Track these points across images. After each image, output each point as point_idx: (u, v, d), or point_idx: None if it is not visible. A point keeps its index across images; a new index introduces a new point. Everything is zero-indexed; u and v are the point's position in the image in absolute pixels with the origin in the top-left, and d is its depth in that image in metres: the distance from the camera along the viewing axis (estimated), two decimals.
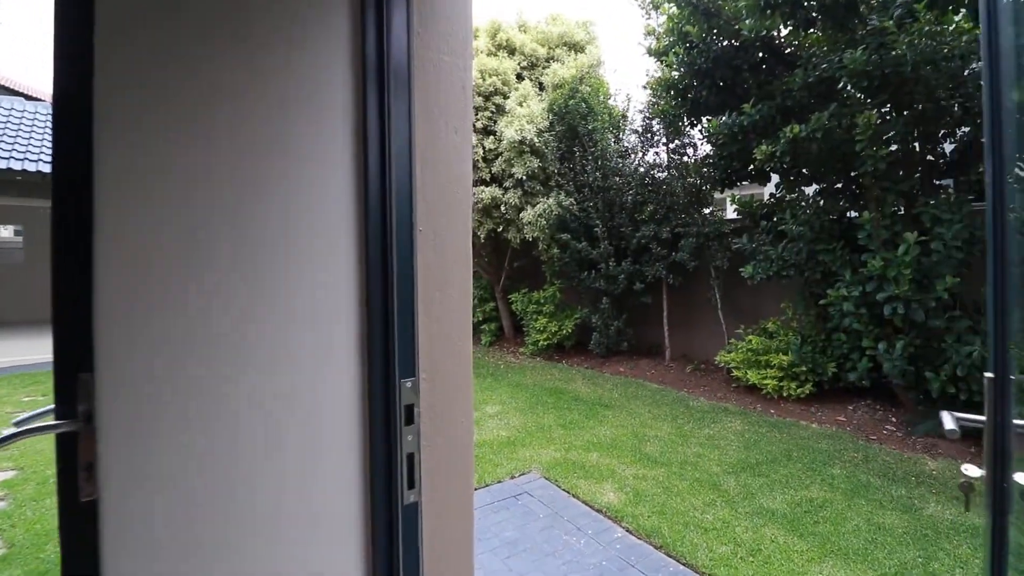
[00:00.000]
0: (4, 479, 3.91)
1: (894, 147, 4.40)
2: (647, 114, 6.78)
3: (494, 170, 7.24)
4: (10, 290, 11.77)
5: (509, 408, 5.46)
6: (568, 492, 3.67)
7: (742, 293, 6.31)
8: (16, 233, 12.77)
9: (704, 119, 5.78)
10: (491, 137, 7.18)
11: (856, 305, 4.52)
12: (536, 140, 6.67)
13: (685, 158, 6.54)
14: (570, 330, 7.47)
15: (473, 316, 5.33)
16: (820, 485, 3.64)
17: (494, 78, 7.22)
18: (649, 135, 6.87)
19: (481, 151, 7.16)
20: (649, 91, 6.65)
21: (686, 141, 6.37)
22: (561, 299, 7.76)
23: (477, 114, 7.28)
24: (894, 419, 4.84)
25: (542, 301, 7.67)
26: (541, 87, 7.71)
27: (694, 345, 6.96)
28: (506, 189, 7.27)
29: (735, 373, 5.71)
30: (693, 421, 4.96)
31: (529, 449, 4.42)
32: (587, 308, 7.41)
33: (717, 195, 6.54)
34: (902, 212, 4.68)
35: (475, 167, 7.28)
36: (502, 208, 7.32)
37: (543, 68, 7.75)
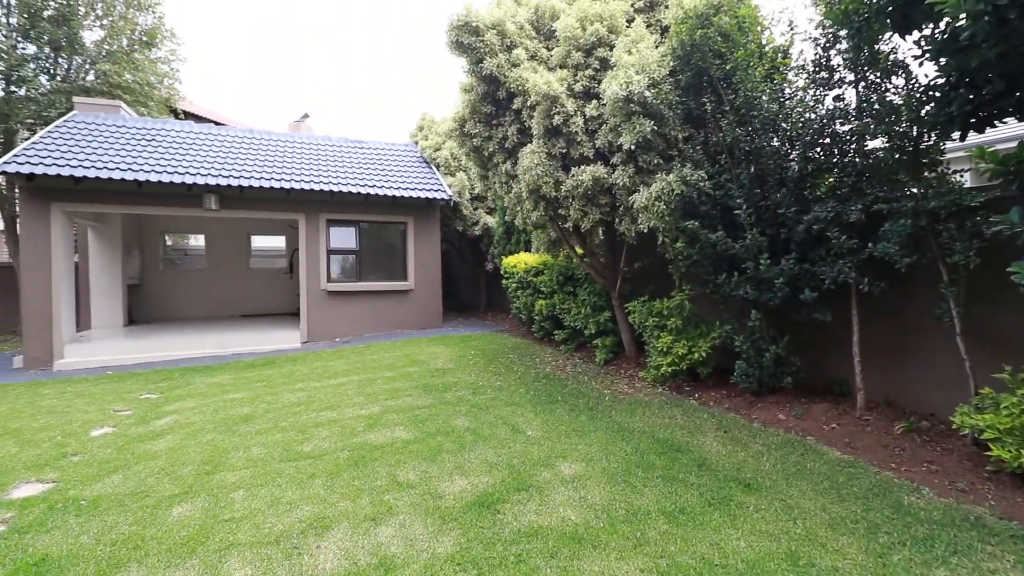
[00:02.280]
0: None
1: None
2: (824, 39, 4.48)
3: (598, 143, 5.61)
4: (195, 290, 13.60)
5: (594, 470, 3.86)
6: None
7: (1003, 309, 3.74)
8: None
9: (925, 17, 3.40)
10: (593, 102, 5.56)
11: None
12: (648, 94, 4.87)
13: (889, 95, 4.13)
14: (705, 353, 5.48)
15: (585, 328, 2.88)
16: None
17: (597, 25, 5.58)
18: (826, 71, 4.56)
19: (581, 120, 5.58)
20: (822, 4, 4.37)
21: (890, 64, 3.95)
22: (692, 310, 5.78)
23: (576, 74, 5.72)
24: None
25: (665, 312, 5.80)
26: (664, 31, 5.83)
27: (907, 388, 4.46)
28: (613, 167, 5.59)
29: (994, 451, 3.27)
30: (912, 544, 2.79)
31: (603, 557, 2.81)
32: (731, 324, 5.35)
33: (949, 145, 4.01)
34: None
35: (574, 141, 5.73)
36: (615, 192, 5.67)
37: (664, 7, 5.86)
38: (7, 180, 10.60)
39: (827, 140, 4.45)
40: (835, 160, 4.42)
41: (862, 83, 4.23)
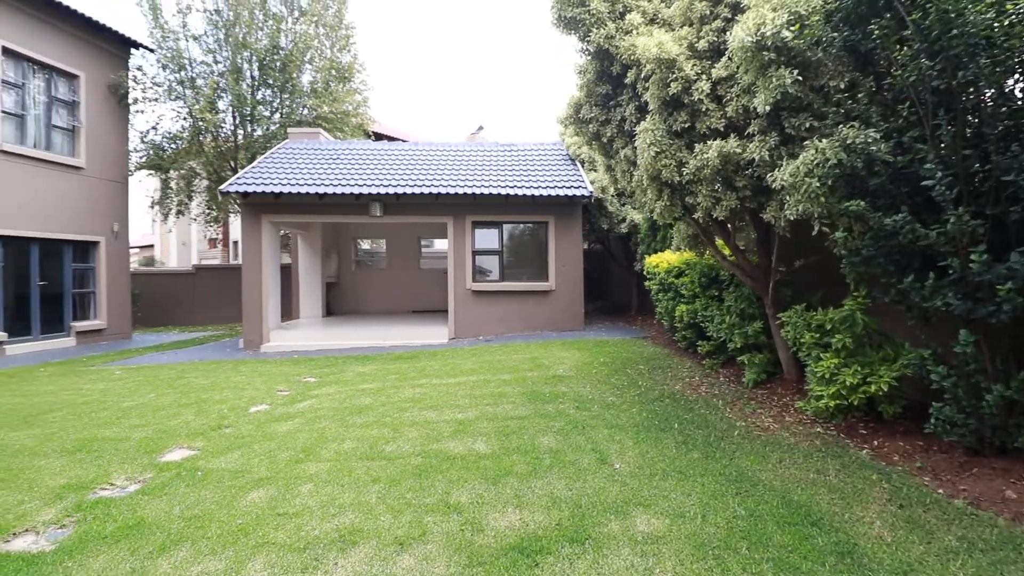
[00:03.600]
0: None
1: None
2: None
3: (729, 110, 4.46)
4: (378, 288, 15.48)
5: (679, 532, 2.96)
6: None
7: None
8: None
9: None
10: (722, 60, 4.43)
11: None
12: (787, 34, 3.62)
13: None
14: (887, 386, 3.92)
15: (729, 340, 3.26)
16: None
17: None
18: None
19: (707, 85, 4.50)
20: None
21: None
22: (872, 325, 4.21)
23: (700, 29, 4.65)
24: None
25: (828, 326, 4.34)
26: None
27: None
28: (749, 137, 4.39)
29: None
30: None
31: None
32: (930, 346, 3.71)
33: None
34: None
35: (699, 112, 4.68)
36: (755, 171, 4.48)
37: None
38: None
39: None
40: None
41: None
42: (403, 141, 17.23)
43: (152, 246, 30.45)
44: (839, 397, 4.21)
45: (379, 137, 18.28)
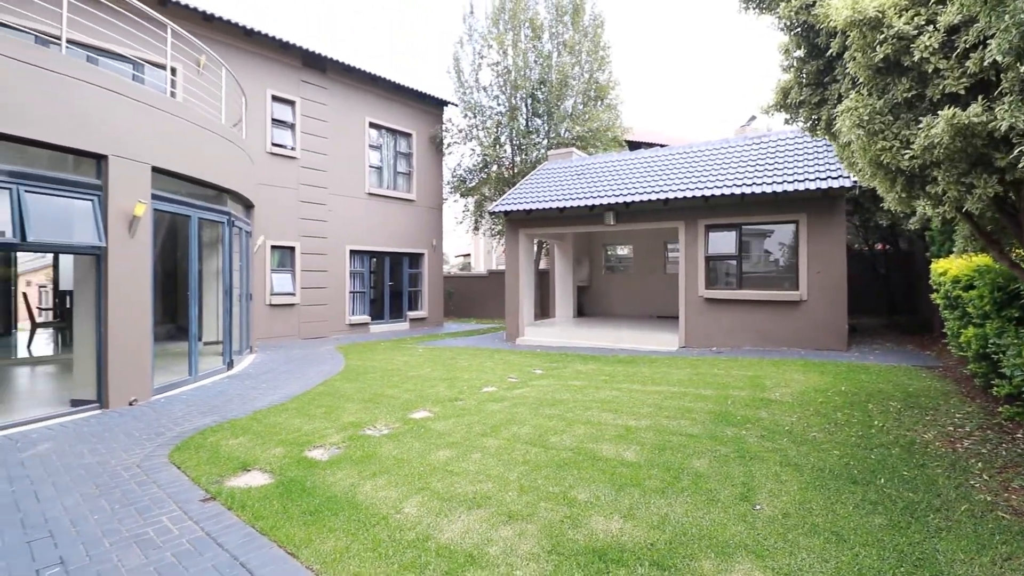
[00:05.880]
0: None
1: None
2: None
3: (971, 67, 3.28)
4: (625, 292, 15.96)
5: None
6: None
7: None
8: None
9: None
10: (956, 3, 3.27)
11: None
12: None
13: None
14: None
15: (975, 365, 5.02)
16: None
17: None
18: None
19: (935, 39, 3.38)
20: None
21: None
22: None
23: None
24: None
25: None
26: None
27: None
28: (999, 98, 3.14)
29: None
30: None
31: None
32: None
33: None
34: None
35: (926, 76, 3.57)
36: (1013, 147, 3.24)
37: None
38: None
39: None
40: None
41: None
42: (660, 146, 17.17)
43: (469, 254, 38.38)
44: None
45: (635, 145, 18.67)
